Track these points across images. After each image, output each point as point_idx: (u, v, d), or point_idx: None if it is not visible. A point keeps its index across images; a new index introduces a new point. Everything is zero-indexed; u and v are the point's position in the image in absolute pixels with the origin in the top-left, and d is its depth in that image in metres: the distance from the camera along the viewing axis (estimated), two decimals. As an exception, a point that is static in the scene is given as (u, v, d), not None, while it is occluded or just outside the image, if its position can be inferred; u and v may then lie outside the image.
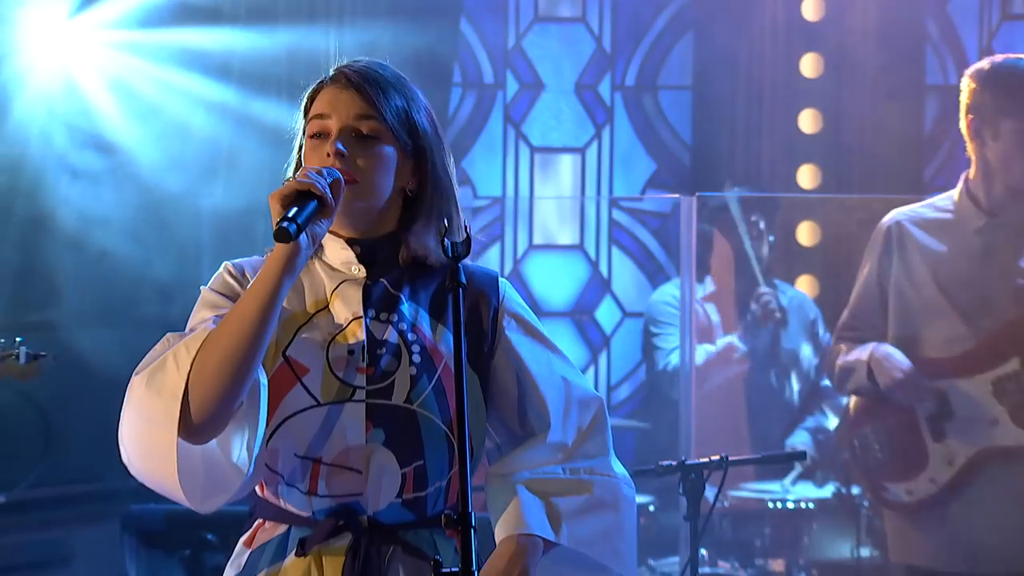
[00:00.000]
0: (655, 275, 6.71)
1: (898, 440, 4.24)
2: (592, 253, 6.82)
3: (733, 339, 5.98)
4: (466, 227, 2.44)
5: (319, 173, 2.42)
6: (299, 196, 2.39)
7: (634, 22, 6.77)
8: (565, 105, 6.80)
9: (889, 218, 4.38)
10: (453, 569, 2.20)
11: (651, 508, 5.54)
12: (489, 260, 6.69)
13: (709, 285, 5.94)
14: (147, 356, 2.51)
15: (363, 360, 2.52)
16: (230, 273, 2.58)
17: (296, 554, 2.51)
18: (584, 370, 6.70)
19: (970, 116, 4.14)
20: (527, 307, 2.70)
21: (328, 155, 2.48)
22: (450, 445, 2.54)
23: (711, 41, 6.61)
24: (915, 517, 4.22)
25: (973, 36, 6.59)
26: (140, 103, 5.59)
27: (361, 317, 2.55)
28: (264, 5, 5.71)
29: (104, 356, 4.90)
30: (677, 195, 5.87)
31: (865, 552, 5.37)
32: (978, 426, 4.11)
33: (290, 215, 2.36)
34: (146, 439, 2.48)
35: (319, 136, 2.51)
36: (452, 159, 2.60)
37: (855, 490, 5.45)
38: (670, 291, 5.92)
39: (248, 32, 5.67)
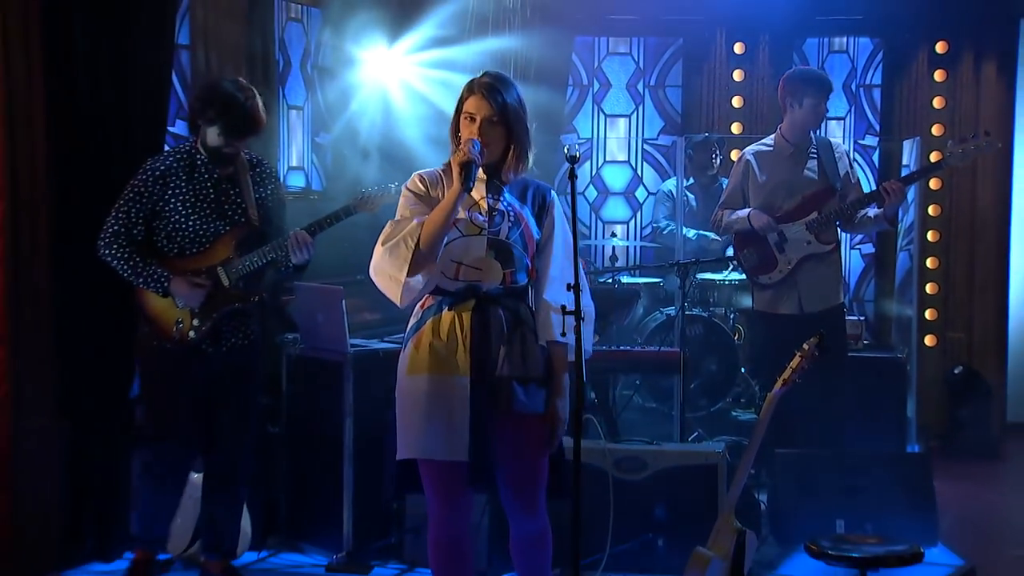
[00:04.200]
0: (664, 175, 8.11)
1: (761, 255, 5.35)
2: (634, 165, 8.24)
3: (708, 234, 6.89)
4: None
5: (477, 150, 3.20)
6: (469, 164, 3.21)
7: (654, 55, 8.16)
8: (621, 94, 8.23)
9: (744, 151, 5.42)
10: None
11: (660, 284, 7.18)
12: (584, 169, 8.04)
13: (690, 180, 7.33)
14: (383, 233, 3.28)
15: (485, 216, 3.33)
16: (420, 179, 3.37)
17: (448, 310, 3.30)
18: (630, 220, 8.16)
19: (784, 98, 5.35)
20: (561, 207, 3.44)
21: (473, 135, 3.28)
22: (528, 261, 3.28)
23: (691, 64, 8.07)
24: (769, 290, 5.40)
25: (815, 62, 8.04)
26: (426, 104, 6.33)
27: (485, 197, 3.37)
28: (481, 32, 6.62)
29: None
30: (675, 136, 7.50)
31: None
32: (801, 244, 5.28)
33: (470, 183, 3.18)
34: (385, 278, 3.30)
35: (470, 120, 3.29)
36: (528, 114, 3.32)
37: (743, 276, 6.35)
38: (669, 184, 7.58)
39: (478, 47, 6.63)
